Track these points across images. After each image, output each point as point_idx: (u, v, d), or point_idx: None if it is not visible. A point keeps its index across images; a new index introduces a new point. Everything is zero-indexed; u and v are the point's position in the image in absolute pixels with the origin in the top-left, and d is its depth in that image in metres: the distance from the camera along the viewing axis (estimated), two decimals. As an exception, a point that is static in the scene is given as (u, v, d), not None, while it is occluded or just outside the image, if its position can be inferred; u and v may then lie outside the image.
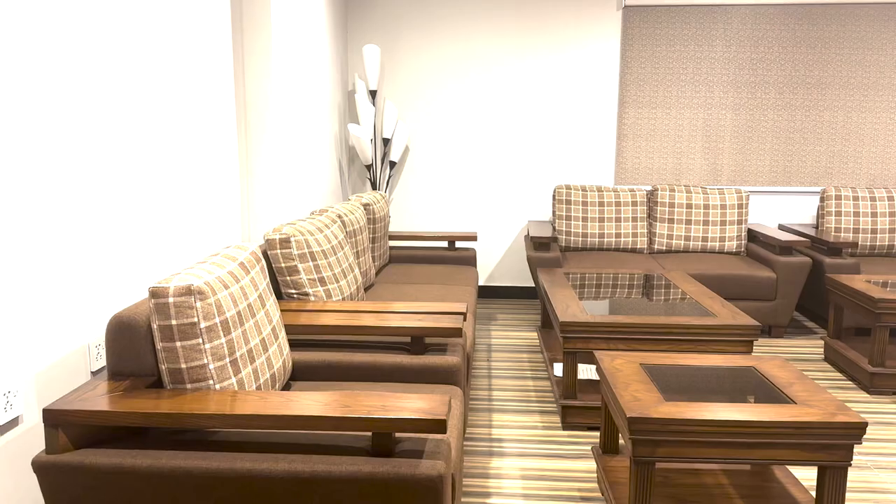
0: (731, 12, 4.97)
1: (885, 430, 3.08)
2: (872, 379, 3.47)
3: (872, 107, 4.98)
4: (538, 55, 5.15)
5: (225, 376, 1.87)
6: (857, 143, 5.03)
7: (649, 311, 3.17)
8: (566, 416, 3.08)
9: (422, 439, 1.77)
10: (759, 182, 5.14)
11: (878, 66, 4.94)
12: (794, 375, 2.31)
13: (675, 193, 4.88)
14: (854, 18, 4.91)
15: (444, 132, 5.29)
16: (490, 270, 5.43)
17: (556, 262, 4.35)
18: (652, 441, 2.00)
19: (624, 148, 5.20)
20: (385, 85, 5.26)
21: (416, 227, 5.41)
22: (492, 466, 2.73)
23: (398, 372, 2.40)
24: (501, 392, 3.51)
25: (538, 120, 5.23)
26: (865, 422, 1.94)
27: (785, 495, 2.26)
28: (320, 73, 4.31)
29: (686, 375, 2.37)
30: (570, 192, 4.93)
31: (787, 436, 1.95)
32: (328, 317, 2.55)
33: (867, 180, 5.06)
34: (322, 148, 4.37)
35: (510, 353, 4.11)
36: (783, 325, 4.35)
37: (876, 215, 4.72)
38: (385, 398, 1.75)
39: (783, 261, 4.25)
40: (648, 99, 5.13)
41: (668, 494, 2.27)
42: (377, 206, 3.97)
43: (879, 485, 2.60)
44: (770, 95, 5.04)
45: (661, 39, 5.05)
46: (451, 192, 5.35)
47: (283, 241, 2.69)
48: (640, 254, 4.86)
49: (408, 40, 5.20)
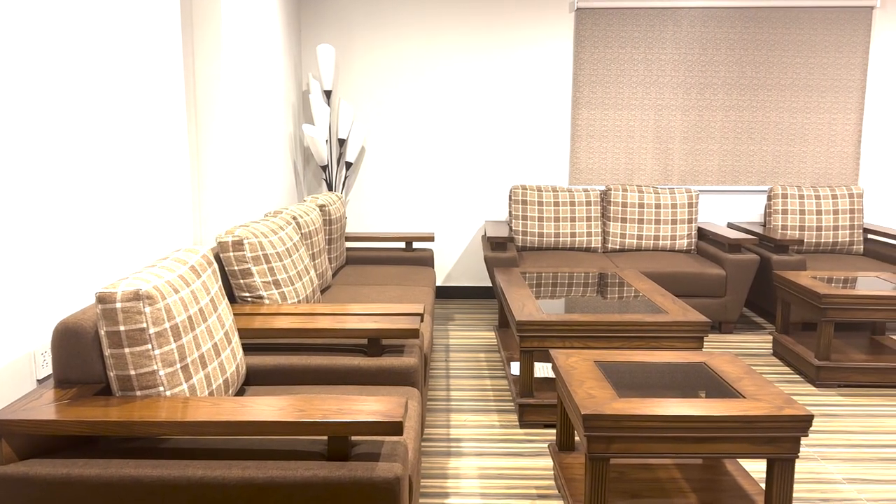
0: (681, 15, 5.08)
1: (831, 421, 3.18)
2: (818, 372, 3.58)
3: (816, 108, 5.14)
4: (493, 56, 5.18)
5: (176, 382, 1.83)
6: (802, 143, 5.18)
7: (604, 309, 3.21)
8: (523, 414, 3.11)
9: (378, 442, 1.76)
10: (708, 181, 5.25)
11: (821, 69, 5.09)
12: (742, 370, 2.37)
13: (628, 193, 4.96)
14: (798, 22, 5.05)
15: (401, 132, 5.28)
16: (448, 271, 5.44)
17: (512, 261, 4.37)
18: (606, 437, 2.03)
19: (578, 148, 5.27)
20: (340, 85, 5.23)
21: (374, 228, 5.39)
22: (450, 467, 2.73)
23: (355, 374, 2.39)
24: (459, 392, 3.52)
25: (494, 120, 5.26)
26: (811, 415, 2.00)
27: (735, 488, 2.32)
28: (273, 73, 4.26)
29: (639, 372, 2.41)
30: (525, 192, 4.97)
31: (736, 430, 2.00)
32: (283, 320, 2.52)
33: (812, 179, 5.22)
34: (276, 149, 4.32)
35: (468, 353, 4.13)
36: (733, 320, 4.46)
37: (820, 213, 4.87)
38: (341, 401, 1.74)
39: (732, 258, 4.35)
40: (601, 100, 5.20)
41: (622, 490, 2.30)
42: (333, 208, 3.95)
43: (826, 475, 2.69)
44: (718, 97, 5.16)
45: (612, 41, 5.12)
46: (408, 193, 5.34)
47: (236, 243, 2.65)
48: (594, 253, 4.93)
49: (362, 40, 5.18)
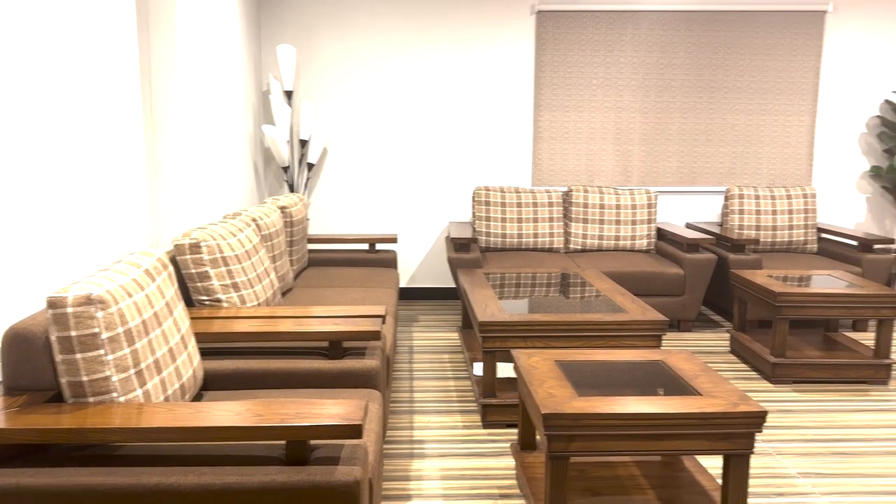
0: (639, 18, 5.15)
1: (787, 417, 3.25)
2: (774, 369, 3.66)
3: (771, 110, 5.26)
4: (456, 57, 5.19)
5: (130, 388, 1.80)
6: (758, 144, 5.29)
7: (565, 308, 3.24)
8: (486, 414, 3.12)
9: (338, 445, 1.75)
10: (667, 182, 5.34)
11: (775, 72, 5.21)
12: (699, 368, 2.41)
13: (589, 194, 5.01)
14: (753, 26, 5.16)
15: (364, 133, 5.26)
16: (412, 272, 5.44)
17: (476, 262, 4.39)
18: (566, 436, 2.04)
19: (540, 150, 5.30)
20: (301, 85, 5.19)
21: (336, 230, 5.36)
22: (413, 468, 2.73)
23: (316, 377, 2.37)
24: (423, 393, 3.51)
25: (458, 121, 5.27)
26: (765, 411, 2.05)
27: (693, 484, 2.35)
28: (233, 73, 4.21)
29: (599, 371, 2.43)
30: (489, 193, 4.99)
31: (692, 427, 2.03)
32: (242, 323, 2.49)
33: (767, 180, 5.34)
34: (236, 150, 4.27)
35: (432, 354, 4.13)
36: (691, 318, 4.54)
37: (776, 213, 4.98)
38: (299, 405, 1.73)
39: (690, 258, 4.43)
40: (562, 102, 5.24)
41: (583, 488, 2.32)
42: (295, 209, 3.91)
43: (781, 470, 2.75)
44: (676, 99, 5.24)
45: (573, 44, 5.17)
46: (371, 194, 5.32)
47: (193, 245, 2.61)
48: (556, 253, 4.96)
49: (323, 40, 5.15)
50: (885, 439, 3.01)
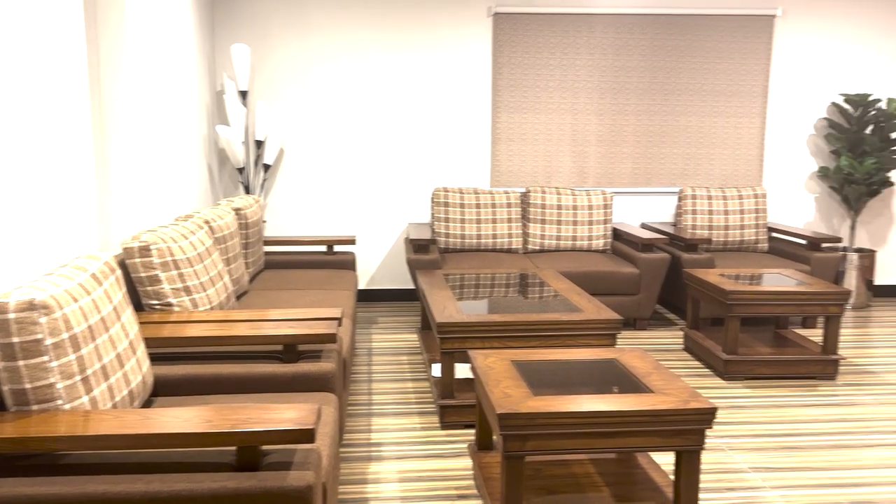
0: (594, 21, 5.21)
1: (738, 413, 3.32)
2: (726, 366, 3.73)
3: (723, 112, 5.37)
4: (414, 58, 5.19)
5: (75, 395, 1.75)
6: (710, 146, 5.40)
7: (523, 309, 3.26)
8: (444, 415, 3.12)
9: (291, 450, 1.73)
10: (622, 183, 5.41)
11: (726, 74, 5.32)
12: (651, 365, 2.44)
13: (547, 195, 5.06)
14: (705, 29, 5.27)
15: (321, 134, 5.22)
16: (371, 274, 5.41)
17: (435, 263, 4.39)
18: (521, 436, 2.05)
19: (498, 151, 5.33)
20: (257, 85, 5.13)
21: (294, 232, 5.30)
22: (370, 471, 2.71)
23: (270, 382, 2.34)
24: (381, 395, 3.50)
25: (416, 122, 5.26)
26: (715, 407, 2.09)
27: (647, 480, 2.39)
28: (185, 73, 4.13)
29: (554, 370, 2.45)
30: (447, 194, 4.99)
31: (644, 424, 2.06)
32: (194, 328, 2.44)
33: (719, 180, 5.45)
34: (189, 150, 4.19)
35: (391, 356, 4.11)
36: (646, 317, 4.61)
37: (728, 213, 5.08)
38: (250, 410, 1.70)
39: (645, 257, 4.49)
40: (519, 104, 5.28)
41: (539, 486, 2.34)
42: (250, 211, 3.86)
43: (733, 465, 2.80)
44: (631, 101, 5.32)
45: (529, 46, 5.21)
46: (329, 196, 5.28)
47: (143, 249, 2.55)
48: (515, 254, 4.99)
49: (279, 39, 5.09)
50: (832, 433, 3.09)
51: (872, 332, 4.66)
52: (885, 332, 4.65)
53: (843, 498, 2.54)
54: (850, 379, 3.77)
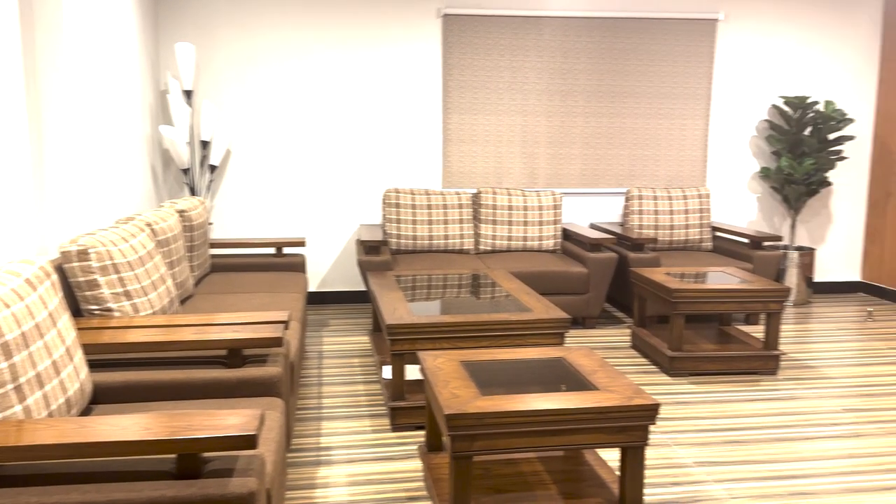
0: (543, 24, 5.26)
1: (683, 408, 3.39)
2: (672, 362, 3.81)
3: (668, 114, 5.48)
4: (364, 58, 5.16)
5: (7, 405, 1.69)
6: (656, 147, 5.51)
7: (473, 309, 3.27)
8: (395, 417, 3.11)
9: (233, 457, 1.70)
10: (571, 184, 5.48)
11: (671, 77, 5.43)
12: (597, 363, 2.48)
13: (498, 196, 5.09)
14: (650, 32, 5.37)
15: (270, 134, 5.15)
16: (322, 276, 5.36)
17: (386, 265, 4.37)
18: (469, 436, 2.06)
19: (450, 152, 5.34)
20: (202, 84, 5.03)
21: (241, 234, 5.22)
22: (319, 476, 2.68)
23: (214, 387, 2.30)
24: (331, 399, 3.47)
25: (367, 122, 5.24)
26: (658, 403, 2.12)
27: (594, 477, 2.42)
28: (128, 72, 4.03)
29: (503, 369, 2.46)
30: (399, 195, 4.98)
31: (589, 421, 2.09)
32: (135, 333, 2.38)
33: (665, 181, 5.56)
34: (132, 151, 4.09)
35: (342, 359, 4.08)
36: (595, 315, 4.67)
37: (673, 213, 5.19)
38: (191, 417, 1.66)
39: (593, 257, 4.56)
40: (470, 105, 5.30)
41: (488, 486, 2.35)
42: (195, 213, 3.78)
43: (678, 460, 2.86)
44: (579, 103, 5.39)
45: (479, 48, 5.23)
46: (278, 197, 5.21)
47: (81, 252, 2.48)
48: (467, 254, 5.01)
49: (225, 38, 5.01)
50: (773, 427, 3.18)
51: (812, 328, 4.81)
52: (825, 328, 4.81)
53: (784, 489, 2.61)
54: (791, 374, 3.88)
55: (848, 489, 2.61)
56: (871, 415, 3.32)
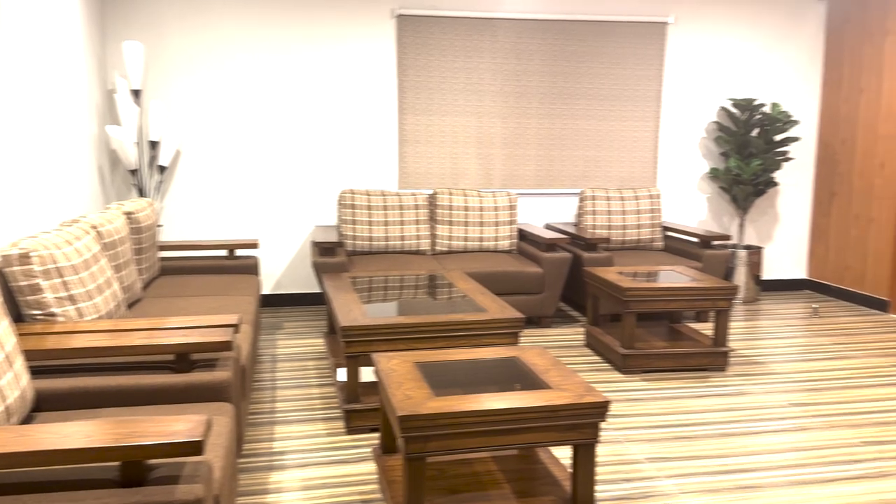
0: (497, 25, 5.29)
1: (635, 405, 3.45)
2: (624, 360, 3.86)
3: (620, 116, 5.56)
4: (318, 57, 5.11)
5: (-60, 415, 1.63)
6: (608, 148, 5.59)
7: (429, 310, 3.26)
8: (350, 420, 3.08)
9: (179, 464, 1.67)
10: (526, 185, 5.52)
11: (622, 79, 5.52)
12: (550, 362, 2.50)
13: (454, 197, 5.10)
14: (603, 35, 5.44)
15: (221, 134, 5.07)
16: (277, 278, 5.30)
17: (341, 266, 4.34)
18: (422, 437, 2.05)
19: (405, 153, 5.33)
20: (151, 84, 4.92)
21: (193, 236, 5.12)
22: (271, 481, 2.65)
23: (162, 393, 2.25)
24: (285, 403, 3.43)
25: (322, 123, 5.19)
26: (608, 401, 2.15)
27: (547, 475, 2.44)
28: (73, 72, 3.92)
29: (457, 370, 2.47)
30: (354, 196, 4.95)
31: (542, 419, 2.10)
32: (79, 338, 2.32)
33: (617, 182, 5.64)
34: (77, 152, 3.98)
35: (296, 362, 4.04)
36: (550, 315, 4.71)
37: (625, 213, 5.27)
38: (135, 424, 1.63)
39: (548, 257, 4.60)
40: (425, 106, 5.30)
41: (442, 487, 2.35)
42: (142, 214, 3.70)
43: (629, 456, 2.90)
44: (533, 105, 5.44)
45: (433, 48, 5.24)
46: (231, 198, 5.13)
47: (22, 256, 2.40)
48: (423, 255, 5.00)
49: (174, 36, 4.91)
50: (722, 422, 3.25)
51: (760, 325, 4.93)
52: (772, 325, 4.94)
53: (732, 483, 2.67)
54: (740, 370, 3.98)
55: (793, 482, 2.69)
56: (816, 409, 3.42)
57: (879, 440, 3.06)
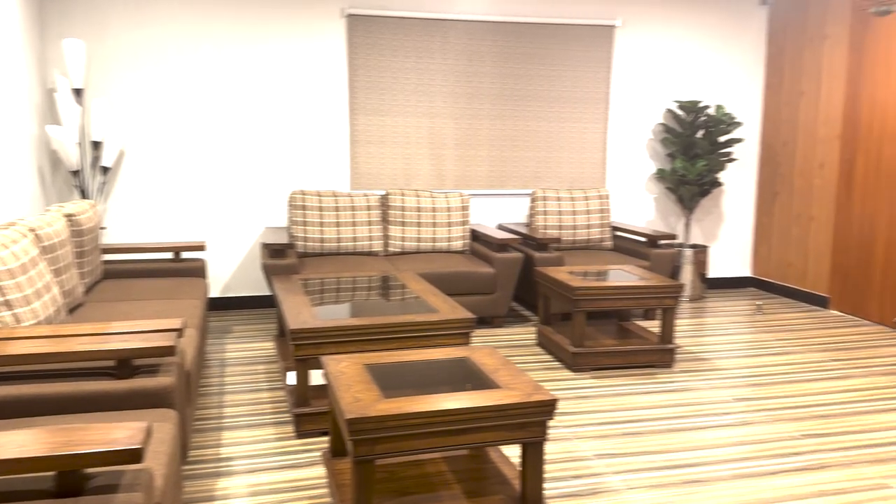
0: (448, 26, 5.30)
1: (584, 403, 3.49)
2: (574, 358, 3.91)
3: (569, 117, 5.63)
4: (267, 57, 5.05)
5: None
6: (559, 150, 5.65)
7: (380, 311, 3.25)
8: (300, 424, 3.05)
9: (119, 472, 1.62)
10: (479, 185, 5.54)
11: (572, 81, 5.59)
12: (499, 362, 2.51)
13: (406, 197, 5.09)
14: (552, 37, 5.50)
15: (167, 134, 4.96)
16: (225, 281, 5.21)
17: (291, 268, 4.29)
18: (371, 439, 2.04)
19: (357, 153, 5.30)
20: (94, 83, 4.79)
21: (137, 238, 5.00)
22: (218, 488, 2.60)
23: (103, 400, 2.19)
24: (234, 408, 3.37)
25: (272, 123, 5.12)
26: (555, 399, 2.17)
27: (497, 474, 2.45)
28: (10, 69, 3.79)
29: (407, 371, 2.46)
30: (305, 197, 4.90)
31: (490, 419, 2.11)
32: (16, 345, 2.24)
33: (568, 182, 5.71)
34: (16, 153, 3.85)
35: (246, 366, 3.97)
36: (502, 314, 4.74)
37: (575, 213, 5.34)
38: (72, 432, 1.58)
39: (500, 257, 4.63)
40: (376, 106, 5.27)
41: (392, 489, 2.34)
42: (84, 217, 3.60)
43: (578, 453, 2.94)
44: (485, 106, 5.46)
45: (385, 49, 5.22)
46: (177, 199, 5.03)
47: (-48, 261, 2.31)
48: (376, 256, 4.98)
49: (117, 33, 4.79)
50: (668, 418, 3.32)
51: (706, 322, 5.05)
52: (717, 321, 5.06)
53: (678, 478, 2.73)
54: (686, 366, 4.06)
55: (737, 475, 2.75)
56: (759, 403, 3.51)
57: (819, 433, 3.16)
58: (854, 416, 3.36)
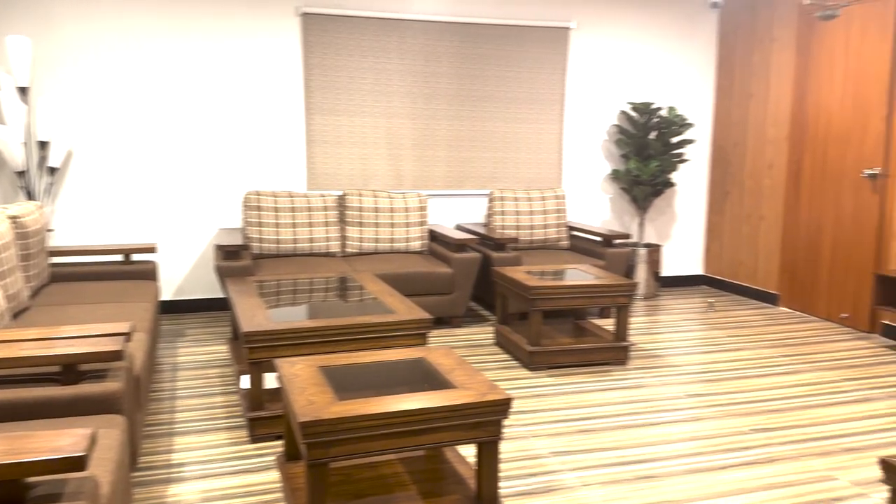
0: (404, 27, 5.29)
1: (541, 401, 3.52)
2: (531, 357, 3.94)
3: (526, 118, 5.67)
4: (219, 54, 4.97)
5: None
6: (515, 150, 5.69)
7: (336, 313, 3.22)
8: (254, 428, 3.01)
9: (62, 481, 1.58)
10: (437, 186, 5.54)
11: (528, 83, 5.63)
12: (455, 362, 2.51)
13: (364, 198, 5.06)
14: (508, 39, 5.53)
15: (117, 133, 4.84)
16: (178, 283, 5.11)
17: (246, 270, 4.23)
18: (325, 442, 2.03)
19: (314, 154, 5.25)
20: (40, 81, 4.66)
21: (86, 240, 4.88)
22: (169, 494, 2.55)
23: (47, 407, 2.13)
24: (186, 413, 3.31)
25: (225, 122, 5.04)
26: (510, 398, 2.18)
27: (453, 474, 2.45)
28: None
29: (362, 373, 2.45)
30: (260, 198, 4.84)
31: (446, 419, 2.11)
32: (-47, 351, 2.16)
33: (525, 183, 5.75)
34: (-45, 153, 3.72)
35: (198, 370, 3.91)
36: (460, 314, 4.75)
37: (532, 213, 5.38)
38: (13, 440, 1.53)
39: (458, 257, 4.63)
40: (332, 106, 5.24)
41: (347, 492, 2.32)
42: (30, 219, 3.49)
43: (534, 451, 2.96)
44: (442, 107, 5.47)
45: (341, 48, 5.19)
46: (127, 200, 4.92)
47: None
48: (333, 257, 4.94)
49: (64, 29, 4.66)
50: (622, 414, 3.36)
51: (659, 319, 5.14)
52: (670, 319, 5.15)
53: (631, 474, 2.77)
54: (640, 363, 4.12)
55: (690, 470, 2.80)
56: (711, 399, 3.58)
57: (768, 427, 3.24)
58: (802, 410, 3.45)
